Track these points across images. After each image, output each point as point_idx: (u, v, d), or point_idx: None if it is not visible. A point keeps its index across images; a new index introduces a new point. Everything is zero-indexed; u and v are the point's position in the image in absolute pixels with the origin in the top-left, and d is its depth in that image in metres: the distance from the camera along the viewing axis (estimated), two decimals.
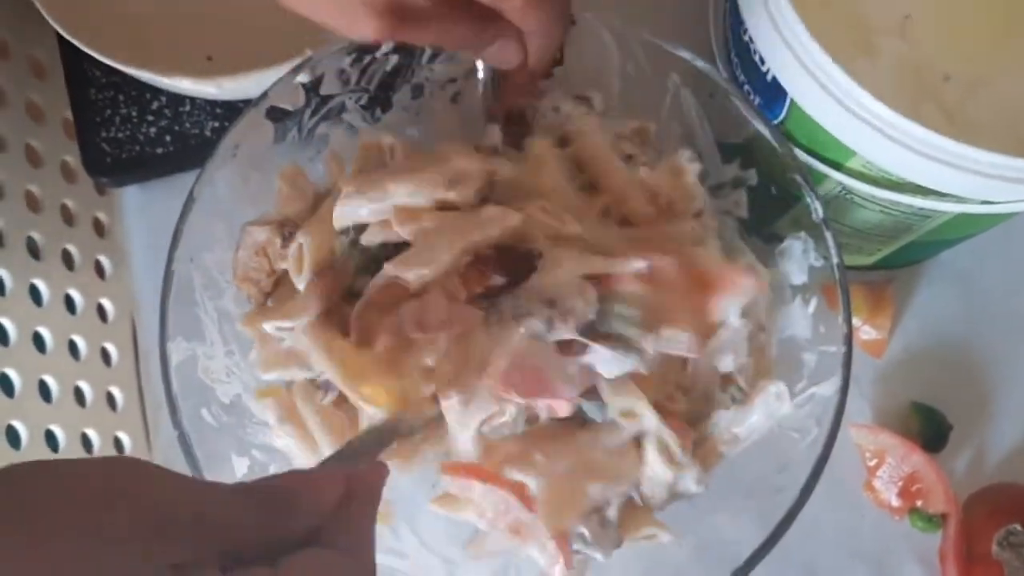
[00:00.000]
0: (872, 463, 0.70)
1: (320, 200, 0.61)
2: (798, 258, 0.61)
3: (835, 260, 0.58)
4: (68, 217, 0.82)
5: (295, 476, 0.36)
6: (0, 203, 0.73)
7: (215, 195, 0.59)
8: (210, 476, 0.53)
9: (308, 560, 0.32)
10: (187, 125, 0.77)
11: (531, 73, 0.57)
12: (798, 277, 0.61)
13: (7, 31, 0.80)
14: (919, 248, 0.70)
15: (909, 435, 0.70)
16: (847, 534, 0.70)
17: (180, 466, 0.55)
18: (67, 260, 0.80)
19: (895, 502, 0.70)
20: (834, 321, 0.58)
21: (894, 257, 0.72)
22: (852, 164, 0.59)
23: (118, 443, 0.77)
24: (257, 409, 0.59)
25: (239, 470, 0.57)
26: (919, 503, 0.69)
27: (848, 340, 0.56)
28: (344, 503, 0.35)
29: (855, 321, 0.71)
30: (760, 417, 0.58)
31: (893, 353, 0.75)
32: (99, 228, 0.86)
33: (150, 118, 0.77)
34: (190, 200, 0.57)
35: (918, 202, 0.58)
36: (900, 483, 0.69)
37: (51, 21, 0.67)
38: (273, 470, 0.59)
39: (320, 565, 0.32)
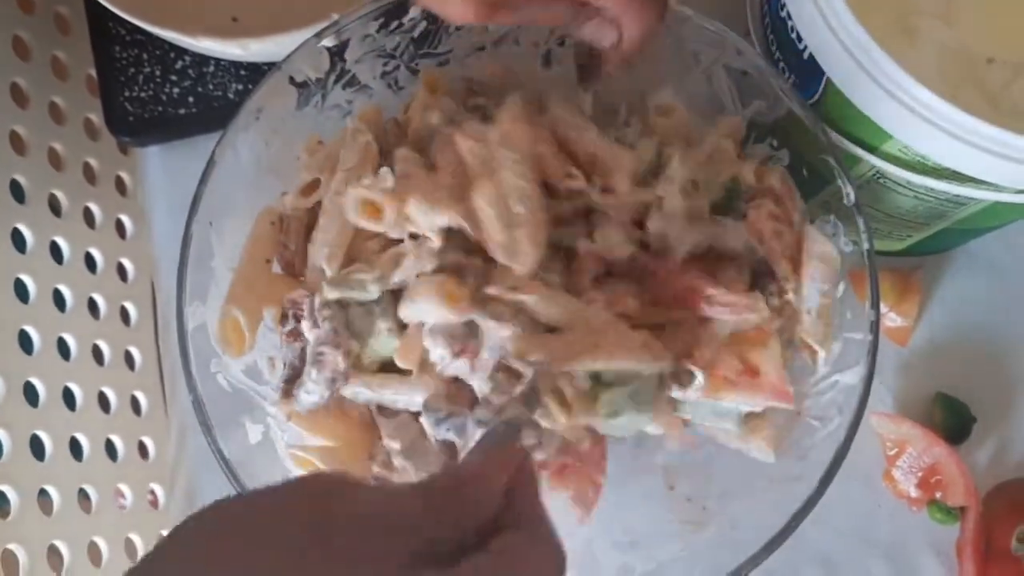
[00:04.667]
0: (892, 452, 0.69)
1: None
2: (826, 242, 0.59)
3: (866, 246, 0.57)
4: (90, 175, 0.81)
5: (466, 469, 0.37)
6: (23, 159, 0.72)
7: (237, 160, 0.59)
8: (224, 442, 0.53)
9: (509, 544, 0.33)
10: (211, 87, 0.76)
11: (624, 55, 0.56)
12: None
13: None
14: (950, 236, 0.68)
15: (931, 426, 0.69)
16: (864, 523, 0.69)
17: (195, 430, 0.54)
18: (88, 218, 0.80)
19: (914, 493, 0.69)
20: (860, 308, 0.56)
21: (924, 244, 0.70)
22: (888, 148, 0.57)
23: (135, 403, 0.77)
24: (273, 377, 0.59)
25: (253, 437, 0.57)
26: (938, 495, 0.68)
27: (875, 329, 0.55)
28: (508, 490, 0.36)
29: (882, 307, 0.70)
30: None
31: (918, 342, 0.73)
32: (121, 187, 0.85)
33: (173, 78, 0.76)
34: (211, 164, 0.56)
35: (954, 189, 0.57)
36: (920, 474, 0.68)
37: None
38: (287, 439, 0.59)
39: (519, 546, 0.33)
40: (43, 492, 0.65)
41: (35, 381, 0.68)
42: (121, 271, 0.82)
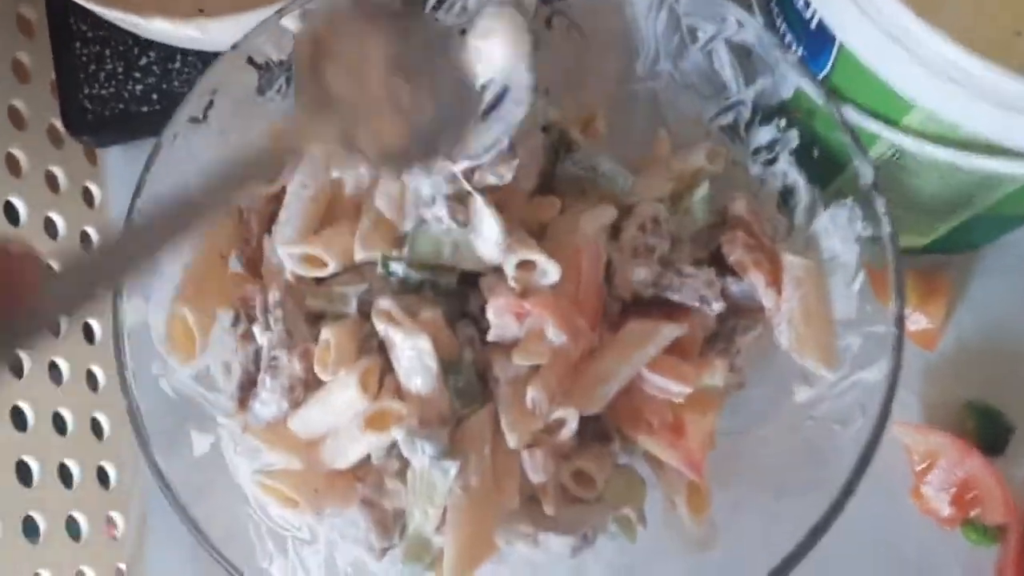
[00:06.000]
0: (921, 467, 0.63)
1: None
2: (842, 228, 0.53)
3: (887, 230, 0.51)
4: (53, 184, 0.76)
5: None
6: None
7: (188, 146, 0.53)
8: (163, 455, 0.47)
9: None
10: (175, 83, 0.71)
11: None
12: (842, 250, 0.53)
13: None
14: (978, 227, 0.62)
15: (965, 436, 0.63)
16: (890, 544, 0.62)
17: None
18: (50, 229, 0.75)
19: (946, 511, 0.62)
20: (881, 304, 0.50)
21: (950, 239, 0.64)
22: (910, 120, 0.51)
23: (96, 426, 0.72)
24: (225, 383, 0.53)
25: (199, 448, 0.51)
26: (974, 513, 0.61)
27: (899, 321, 0.49)
28: None
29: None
30: None
31: (947, 346, 0.67)
32: (89, 198, 0.80)
33: (137, 75, 0.71)
34: (157, 147, 0.51)
35: (986, 164, 0.51)
36: (953, 490, 0.62)
37: None
38: (244, 455, 0.53)
39: None
40: None
41: None
42: None
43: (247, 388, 0.53)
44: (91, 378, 0.73)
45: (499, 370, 0.52)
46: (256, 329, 0.52)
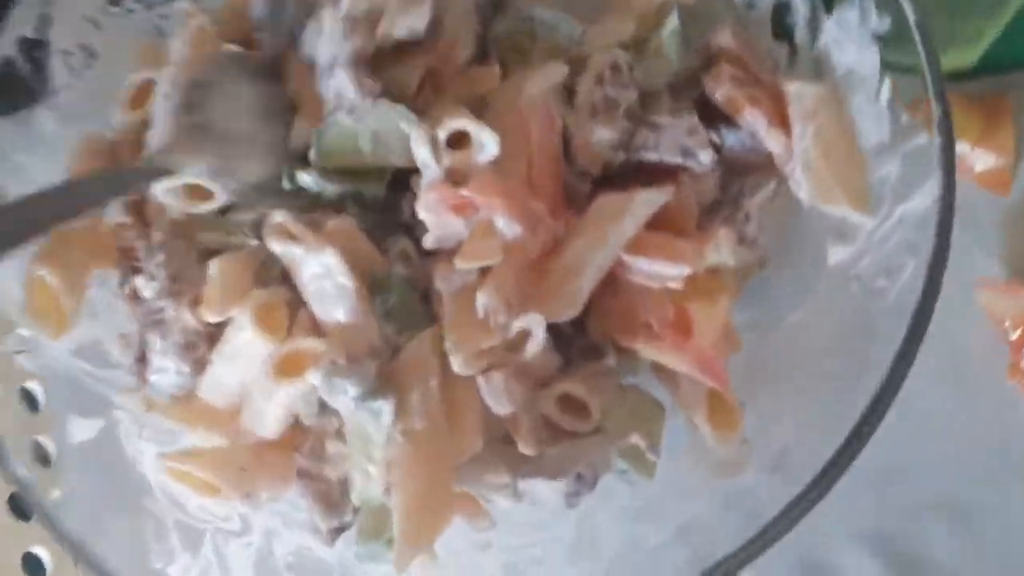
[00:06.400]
0: (1015, 336, 0.49)
1: None
2: (854, 32, 0.41)
3: (910, 15, 0.38)
4: None
5: None
6: None
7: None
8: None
9: None
10: None
11: None
12: (858, 59, 0.41)
13: None
14: None
15: None
16: (991, 440, 0.49)
17: None
18: None
19: None
20: (919, 105, 0.38)
21: (1005, 49, 0.50)
22: None
23: None
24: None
25: (79, 434, 0.41)
26: None
27: (945, 125, 0.36)
28: None
29: (962, 147, 0.51)
30: None
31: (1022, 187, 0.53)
32: None
33: None
34: None
35: None
36: None
37: None
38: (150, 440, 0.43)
39: None
40: None
41: None
42: None
43: (143, 358, 0.43)
44: None
45: (441, 282, 0.41)
46: (140, 281, 0.42)
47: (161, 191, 0.42)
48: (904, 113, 0.38)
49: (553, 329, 0.41)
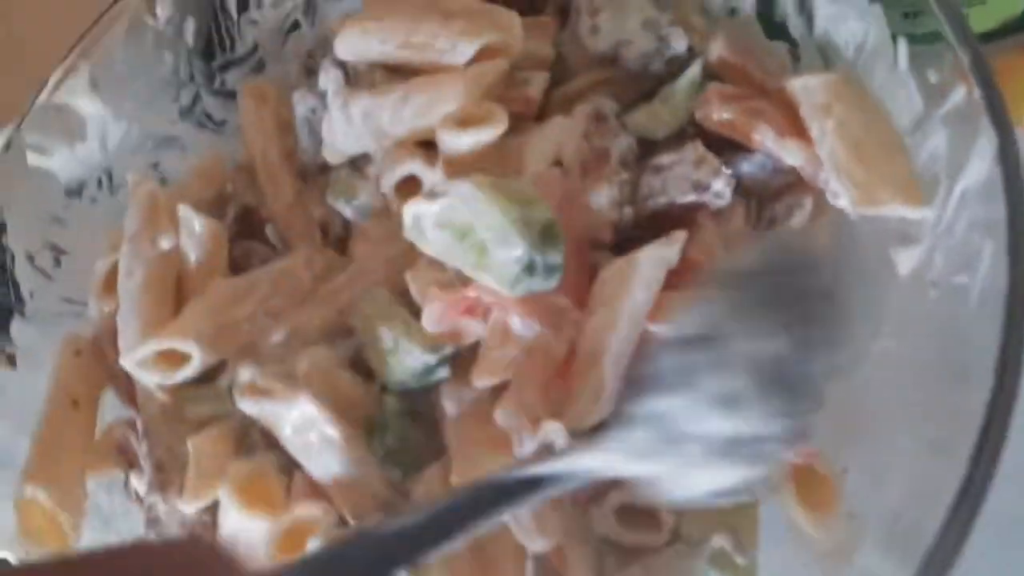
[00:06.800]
0: None
1: None
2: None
3: None
4: None
5: None
6: None
7: None
8: None
9: None
10: None
11: None
12: (861, 27, 0.34)
13: None
14: None
15: None
16: None
17: None
18: None
19: None
20: (946, 57, 0.30)
21: None
22: None
23: None
24: None
25: None
26: None
27: (980, 72, 0.29)
28: None
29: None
30: None
31: None
32: None
33: None
34: None
35: None
36: None
37: None
38: None
39: None
40: None
41: None
42: None
43: None
44: None
45: (448, 402, 0.35)
46: (134, 478, 0.38)
47: (131, 364, 0.38)
48: (931, 71, 0.31)
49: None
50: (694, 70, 0.38)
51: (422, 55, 0.38)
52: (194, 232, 0.40)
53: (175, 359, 0.38)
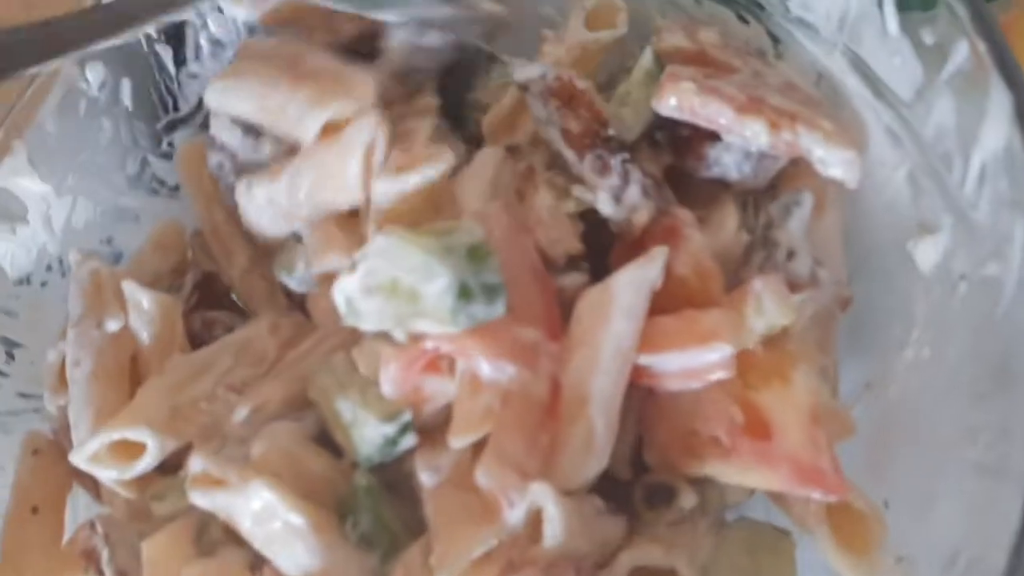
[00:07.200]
0: None
1: None
2: None
3: None
4: None
5: None
6: None
7: None
8: None
9: None
10: None
11: None
12: None
13: None
14: None
15: None
16: None
17: None
18: None
19: None
20: (941, 14, 0.26)
21: None
22: None
23: None
24: None
25: None
26: None
27: (980, 23, 0.24)
28: None
29: None
30: None
31: None
32: None
33: None
34: None
35: None
36: None
37: None
38: None
39: None
40: None
41: None
42: None
43: None
44: None
45: (424, 473, 0.31)
46: None
47: (82, 460, 0.34)
48: (926, 31, 0.26)
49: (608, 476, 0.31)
50: (645, 59, 0.35)
51: (277, 123, 0.35)
52: (143, 309, 0.37)
53: (134, 449, 0.35)
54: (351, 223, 0.35)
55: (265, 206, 0.36)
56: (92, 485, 0.39)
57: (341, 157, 0.33)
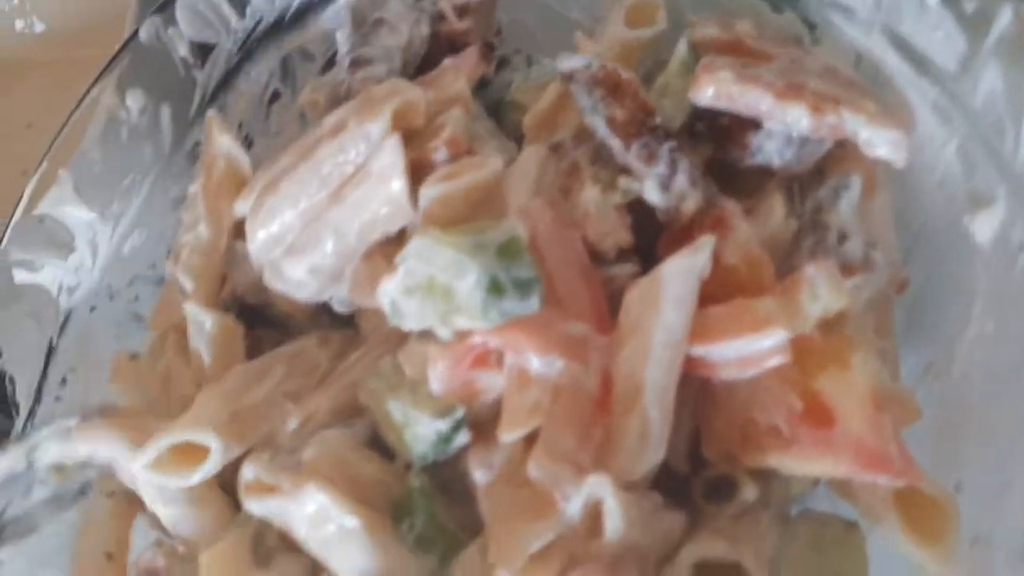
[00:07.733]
0: None
1: None
2: None
3: None
4: None
5: None
6: None
7: None
8: None
9: None
10: None
11: None
12: None
13: None
14: None
15: None
16: None
17: None
18: None
19: None
20: None
21: None
22: None
23: None
24: None
25: None
26: None
27: None
28: None
29: None
30: None
31: None
32: None
33: None
34: None
35: None
36: None
37: None
38: None
39: None
40: None
41: None
42: None
43: None
44: None
45: (478, 471, 0.31)
46: None
47: (143, 465, 0.34)
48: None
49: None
50: (680, 50, 0.35)
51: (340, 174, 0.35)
52: (204, 330, 0.37)
53: (193, 456, 0.35)
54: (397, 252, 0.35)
55: (308, 279, 0.36)
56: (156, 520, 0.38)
57: (377, 185, 0.34)
